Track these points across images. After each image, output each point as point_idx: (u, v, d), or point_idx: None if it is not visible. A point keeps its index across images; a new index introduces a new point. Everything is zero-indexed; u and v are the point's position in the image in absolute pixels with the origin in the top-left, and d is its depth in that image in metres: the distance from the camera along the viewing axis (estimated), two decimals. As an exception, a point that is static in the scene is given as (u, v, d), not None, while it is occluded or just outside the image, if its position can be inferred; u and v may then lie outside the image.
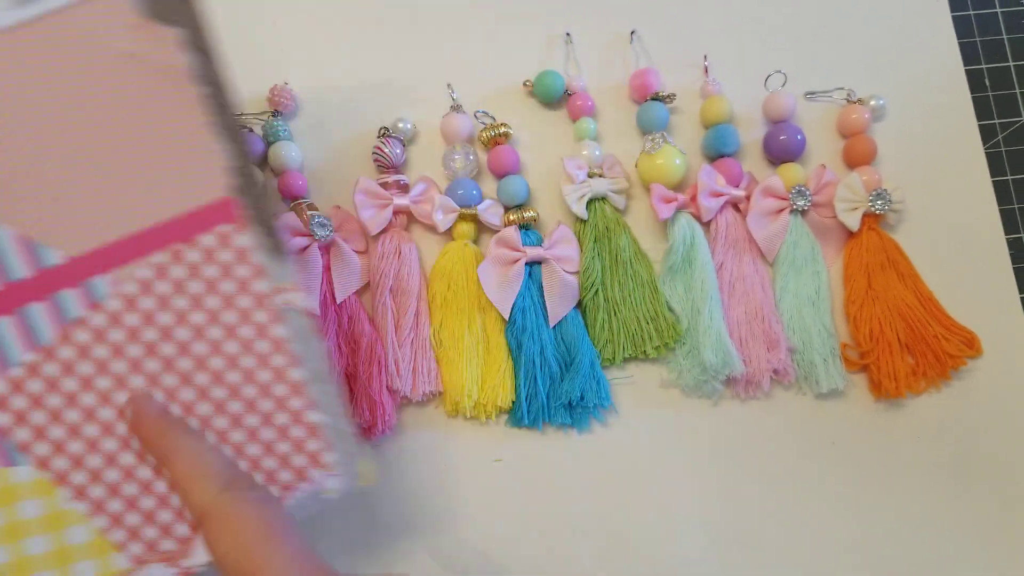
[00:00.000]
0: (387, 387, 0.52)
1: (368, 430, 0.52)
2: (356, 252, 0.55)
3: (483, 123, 0.58)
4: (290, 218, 0.54)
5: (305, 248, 0.53)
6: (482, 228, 0.57)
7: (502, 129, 0.57)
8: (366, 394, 0.52)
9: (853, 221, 0.56)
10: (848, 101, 0.59)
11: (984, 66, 0.62)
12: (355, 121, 0.58)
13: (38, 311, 0.38)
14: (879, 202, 0.55)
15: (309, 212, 0.55)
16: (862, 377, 0.56)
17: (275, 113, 0.57)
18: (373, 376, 0.52)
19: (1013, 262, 0.58)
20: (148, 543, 0.38)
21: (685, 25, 0.61)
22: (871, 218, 0.56)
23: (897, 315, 0.55)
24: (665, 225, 0.56)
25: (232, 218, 0.39)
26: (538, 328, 0.54)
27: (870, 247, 0.56)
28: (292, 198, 0.56)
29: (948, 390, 0.56)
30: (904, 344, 0.55)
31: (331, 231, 0.54)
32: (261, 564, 0.33)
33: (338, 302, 0.54)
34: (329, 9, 0.60)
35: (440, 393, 0.54)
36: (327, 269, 0.54)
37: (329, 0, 0.60)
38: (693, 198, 0.56)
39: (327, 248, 0.54)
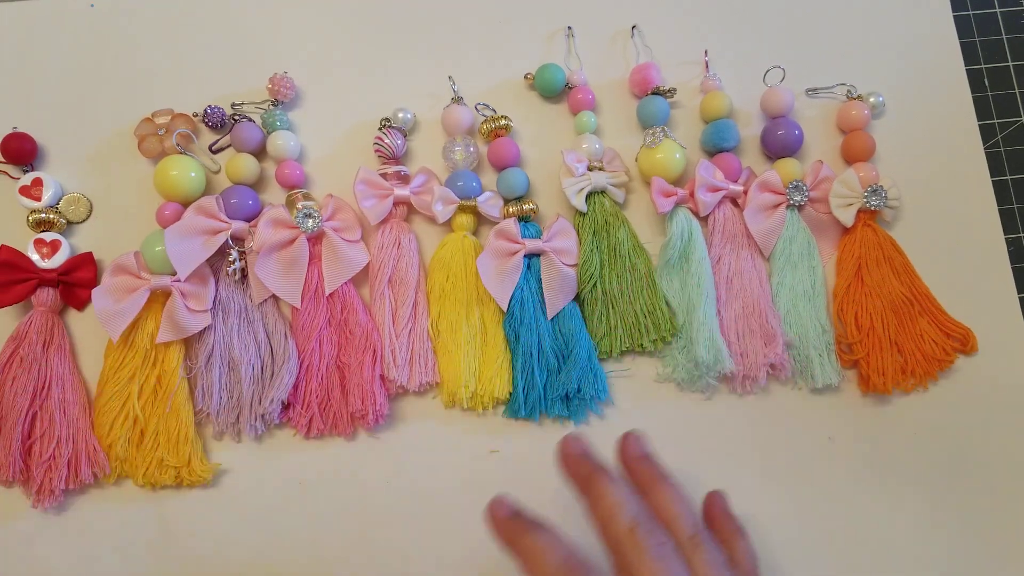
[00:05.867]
0: (380, 376, 0.52)
1: (360, 419, 0.52)
2: (349, 241, 0.55)
3: (484, 115, 0.58)
4: (279, 211, 0.54)
5: (292, 240, 0.53)
6: (481, 220, 0.57)
7: (503, 122, 0.57)
8: (358, 383, 0.52)
9: (847, 217, 0.56)
10: (848, 97, 0.59)
11: (984, 66, 0.62)
12: (356, 111, 0.58)
13: None
14: (874, 198, 0.56)
15: (303, 202, 0.54)
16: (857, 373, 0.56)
17: (275, 102, 0.57)
18: (365, 365, 0.52)
19: (1012, 262, 0.58)
20: None
21: (686, 20, 0.61)
22: (866, 214, 0.56)
23: (890, 310, 0.55)
24: (664, 219, 0.56)
25: None
26: (536, 320, 0.54)
27: (864, 243, 0.56)
28: (290, 187, 0.56)
29: (946, 387, 0.56)
30: (893, 341, 0.55)
31: (319, 221, 0.53)
32: None
33: (327, 293, 0.53)
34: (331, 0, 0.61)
35: (437, 384, 0.54)
36: (317, 259, 0.54)
37: (332, -9, 0.61)
38: (693, 192, 0.56)
39: (317, 238, 0.54)
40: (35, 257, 0.54)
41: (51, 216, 0.55)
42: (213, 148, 0.57)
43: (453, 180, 0.56)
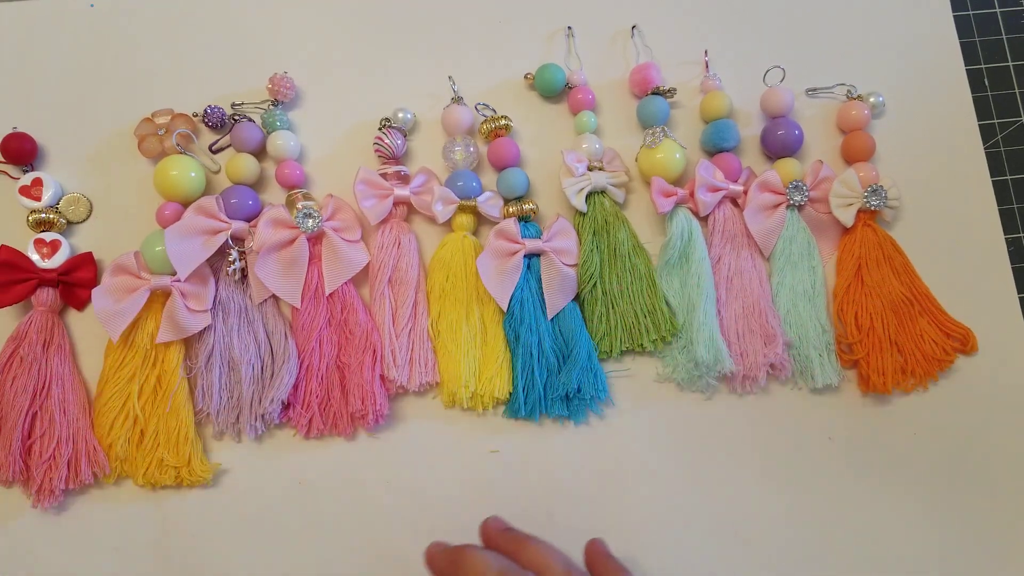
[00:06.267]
0: (380, 376, 0.52)
1: (360, 419, 0.52)
2: (349, 241, 0.54)
3: (484, 115, 0.58)
4: (279, 211, 0.54)
5: (292, 240, 0.53)
6: (481, 220, 0.57)
7: (503, 122, 0.57)
8: (358, 383, 0.52)
9: (847, 217, 0.56)
10: (848, 97, 0.59)
11: (984, 66, 0.62)
12: (356, 111, 0.58)
13: None
14: (874, 198, 0.56)
15: (303, 202, 0.54)
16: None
17: (275, 102, 0.57)
18: (365, 365, 0.52)
19: (1012, 262, 0.58)
20: None
21: (686, 20, 0.61)
22: (866, 214, 0.56)
23: (890, 310, 0.55)
24: (664, 219, 0.56)
25: None
26: (536, 320, 0.54)
27: (865, 243, 0.56)
28: (290, 187, 0.56)
29: (946, 387, 0.56)
30: (893, 341, 0.55)
31: (319, 221, 0.53)
32: None
33: (327, 293, 0.53)
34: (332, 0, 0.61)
35: (437, 384, 0.54)
36: (317, 259, 0.54)
37: (332, -9, 0.61)
38: (693, 192, 0.56)
39: (317, 238, 0.54)
40: (35, 257, 0.54)
41: (51, 216, 0.55)
42: (213, 148, 0.57)
43: (453, 180, 0.56)
